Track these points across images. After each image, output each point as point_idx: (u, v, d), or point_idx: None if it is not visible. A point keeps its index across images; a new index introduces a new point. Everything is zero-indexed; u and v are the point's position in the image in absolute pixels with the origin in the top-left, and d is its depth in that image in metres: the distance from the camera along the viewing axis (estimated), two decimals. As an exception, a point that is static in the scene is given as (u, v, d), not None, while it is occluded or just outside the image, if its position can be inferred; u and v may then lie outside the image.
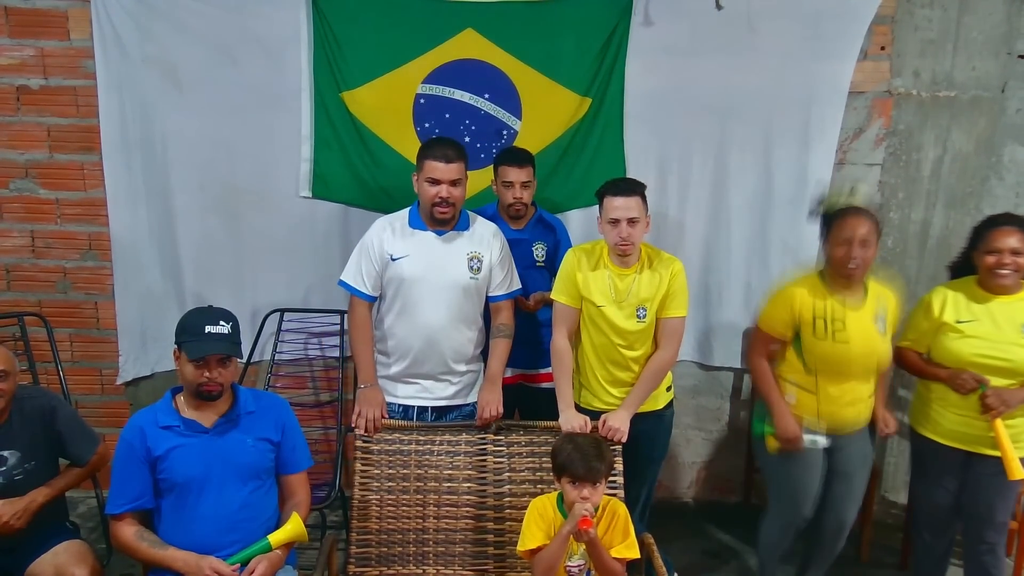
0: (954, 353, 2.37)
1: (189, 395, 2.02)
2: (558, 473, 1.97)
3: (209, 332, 1.97)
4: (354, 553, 2.29)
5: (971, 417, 2.35)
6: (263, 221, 3.08)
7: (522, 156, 2.66)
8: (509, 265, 2.51)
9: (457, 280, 2.40)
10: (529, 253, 2.72)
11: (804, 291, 2.31)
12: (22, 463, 2.17)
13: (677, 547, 3.12)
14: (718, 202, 3.13)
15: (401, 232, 2.43)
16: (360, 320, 2.46)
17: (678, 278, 2.37)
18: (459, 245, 2.43)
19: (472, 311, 2.47)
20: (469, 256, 2.43)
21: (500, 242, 2.49)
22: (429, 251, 2.40)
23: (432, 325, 2.40)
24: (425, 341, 2.41)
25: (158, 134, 2.98)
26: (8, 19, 2.93)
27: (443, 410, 2.50)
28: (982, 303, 2.37)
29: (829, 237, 2.29)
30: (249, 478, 2.03)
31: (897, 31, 3.03)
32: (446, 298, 2.40)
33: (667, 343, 2.40)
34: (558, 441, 2.05)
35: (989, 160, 3.14)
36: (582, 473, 1.90)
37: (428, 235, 2.42)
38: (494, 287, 2.48)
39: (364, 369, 2.45)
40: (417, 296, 2.40)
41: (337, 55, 2.94)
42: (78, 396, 3.20)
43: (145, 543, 1.94)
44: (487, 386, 2.45)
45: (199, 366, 1.95)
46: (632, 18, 2.93)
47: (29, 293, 3.19)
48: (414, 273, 2.38)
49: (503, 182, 2.65)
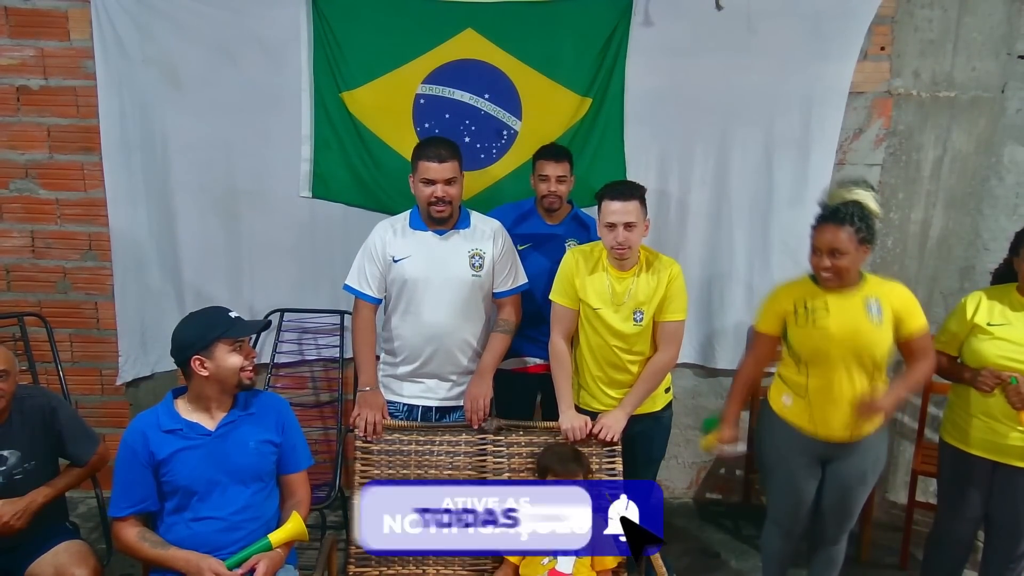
0: (979, 353, 2.35)
1: (219, 395, 2.01)
2: (541, 474, 2.26)
3: (236, 316, 2.01)
4: (354, 553, 2.29)
5: (997, 422, 2.32)
6: (263, 221, 3.08)
7: (560, 152, 2.72)
8: (512, 261, 2.52)
9: (459, 278, 2.41)
10: (561, 248, 2.72)
11: (792, 286, 2.32)
12: (22, 463, 2.17)
13: (677, 547, 3.13)
14: (719, 202, 3.13)
15: (402, 233, 2.44)
16: (364, 323, 2.47)
17: (676, 281, 2.37)
18: (460, 243, 2.44)
19: (476, 308, 2.47)
20: (471, 254, 2.43)
21: (502, 238, 2.50)
22: (430, 251, 2.41)
23: (437, 324, 2.41)
24: (430, 340, 2.42)
25: (158, 134, 2.98)
26: (8, 19, 2.93)
27: (446, 410, 2.51)
28: (1018, 310, 2.35)
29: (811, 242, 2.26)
30: (252, 480, 2.03)
31: (897, 31, 3.03)
32: (449, 296, 2.41)
33: (666, 346, 2.40)
34: (540, 451, 2.32)
35: (989, 160, 3.14)
36: (560, 470, 2.21)
37: (428, 235, 2.43)
38: (498, 283, 2.49)
39: (366, 372, 2.45)
40: (421, 296, 2.40)
41: (337, 55, 2.94)
42: (78, 396, 3.20)
43: (147, 544, 1.94)
44: (475, 379, 2.45)
45: (239, 351, 1.98)
46: (632, 18, 2.93)
47: (29, 293, 3.19)
48: (416, 273, 2.39)
49: (539, 175, 2.69)
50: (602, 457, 2.36)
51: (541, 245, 2.73)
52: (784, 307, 2.29)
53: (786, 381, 2.35)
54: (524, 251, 2.68)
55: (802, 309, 2.24)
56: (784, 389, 2.36)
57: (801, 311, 2.24)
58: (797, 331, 2.26)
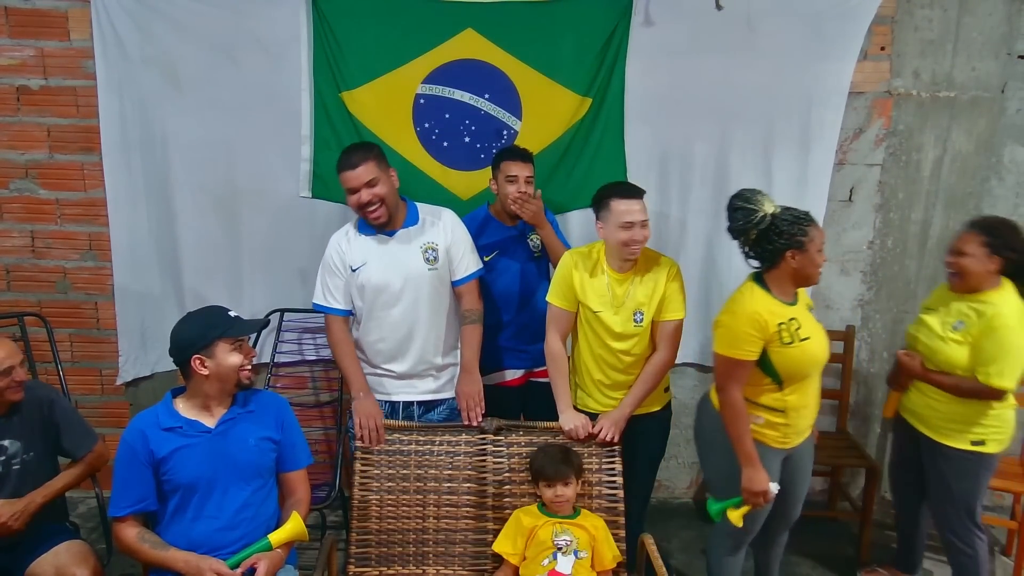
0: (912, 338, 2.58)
1: (220, 393, 2.01)
2: (535, 479, 2.27)
3: (236, 316, 2.02)
4: (354, 553, 2.30)
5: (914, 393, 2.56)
6: (263, 221, 3.08)
7: (527, 153, 2.70)
8: (466, 247, 2.51)
9: (418, 274, 2.41)
10: (525, 247, 2.75)
11: (762, 304, 2.14)
12: (21, 453, 2.20)
13: (677, 547, 3.13)
14: (719, 202, 3.11)
15: (355, 239, 2.45)
16: (338, 336, 2.48)
17: (675, 280, 2.37)
18: (412, 239, 2.44)
19: (441, 302, 2.48)
20: (423, 248, 2.43)
21: (451, 225, 2.49)
22: (383, 253, 2.42)
23: (404, 324, 2.43)
24: (403, 340, 2.44)
25: (158, 134, 2.98)
26: (8, 19, 2.93)
27: (430, 404, 2.52)
28: (948, 300, 2.48)
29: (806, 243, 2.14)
30: (252, 478, 2.03)
31: (897, 31, 3.03)
32: (412, 295, 2.42)
33: (665, 345, 2.40)
34: (532, 454, 2.32)
35: (989, 160, 3.14)
36: (551, 474, 2.21)
37: (379, 238, 2.43)
38: (454, 271, 2.49)
39: (355, 381, 2.46)
40: (384, 300, 2.41)
41: (337, 55, 2.94)
42: (78, 396, 3.20)
43: (147, 544, 1.94)
44: (464, 377, 2.46)
45: (239, 350, 1.98)
46: (632, 18, 2.93)
47: (29, 293, 3.19)
48: (375, 278, 2.40)
49: (507, 176, 2.65)
50: (602, 457, 2.37)
51: (507, 249, 2.73)
52: (768, 330, 2.11)
53: (756, 403, 2.21)
54: (493, 260, 2.69)
55: (785, 329, 2.12)
56: (754, 411, 2.21)
57: (785, 333, 2.12)
58: (785, 351, 2.13)
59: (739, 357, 2.13)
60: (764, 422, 2.21)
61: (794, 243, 2.10)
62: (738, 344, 2.12)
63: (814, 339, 2.17)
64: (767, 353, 2.14)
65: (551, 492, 2.20)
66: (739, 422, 2.16)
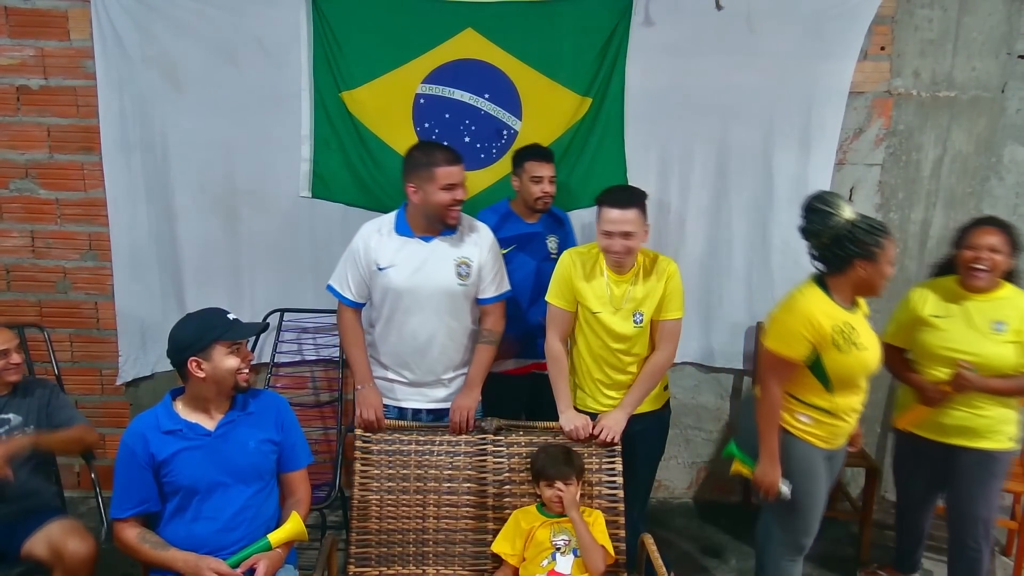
0: (925, 345, 2.46)
1: (217, 396, 2.00)
2: (536, 479, 2.27)
3: (234, 319, 2.02)
4: (354, 553, 2.30)
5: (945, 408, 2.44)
6: (263, 221, 3.08)
7: (549, 153, 2.75)
8: (499, 267, 2.48)
9: (446, 287, 2.37)
10: (543, 246, 2.76)
11: (819, 307, 2.12)
12: (22, 426, 2.32)
13: (677, 547, 3.13)
14: (719, 202, 3.13)
15: (388, 238, 2.39)
16: (348, 324, 2.47)
17: (674, 280, 2.37)
18: (447, 251, 2.39)
19: (463, 317, 2.45)
20: (457, 262, 2.38)
21: (489, 243, 2.45)
22: (415, 259, 2.37)
23: (422, 334, 2.40)
24: (417, 350, 2.42)
25: (158, 134, 2.98)
26: (8, 19, 2.93)
27: (439, 412, 2.50)
28: (958, 301, 2.44)
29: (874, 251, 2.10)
30: (252, 480, 2.02)
31: (897, 31, 3.03)
32: (435, 306, 2.38)
33: (664, 344, 2.40)
34: (534, 454, 2.32)
35: (989, 160, 3.14)
36: (552, 473, 2.21)
37: (414, 242, 2.38)
38: (483, 289, 2.45)
39: (359, 371, 2.45)
40: (406, 306, 2.38)
41: (337, 55, 2.94)
42: (78, 396, 3.19)
43: (147, 545, 1.94)
44: (464, 391, 2.45)
45: (237, 353, 1.97)
46: (632, 18, 2.93)
47: (29, 293, 3.19)
48: (401, 284, 2.36)
49: (532, 177, 2.69)
50: (602, 457, 2.37)
51: (525, 245, 2.75)
52: (823, 333, 2.09)
53: (804, 402, 2.20)
54: (510, 253, 2.68)
55: (840, 336, 2.10)
56: (802, 409, 2.21)
57: (840, 338, 2.10)
58: (841, 358, 2.11)
59: (786, 354, 2.13)
60: (812, 422, 2.20)
61: (867, 253, 2.07)
62: (787, 341, 2.13)
63: (870, 350, 2.15)
64: (820, 359, 2.13)
65: (551, 492, 2.20)
66: (771, 417, 2.18)
